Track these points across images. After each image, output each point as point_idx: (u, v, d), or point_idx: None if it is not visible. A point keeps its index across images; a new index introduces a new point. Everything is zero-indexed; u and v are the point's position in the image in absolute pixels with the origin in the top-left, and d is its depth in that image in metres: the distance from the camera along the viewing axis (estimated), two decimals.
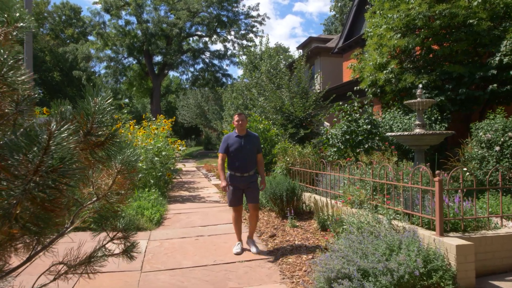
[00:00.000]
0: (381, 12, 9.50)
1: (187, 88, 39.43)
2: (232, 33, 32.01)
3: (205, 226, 6.25)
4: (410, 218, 4.13)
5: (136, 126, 10.51)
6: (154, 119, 11.36)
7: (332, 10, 38.76)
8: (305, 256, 4.48)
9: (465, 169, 6.47)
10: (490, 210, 4.42)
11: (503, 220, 4.22)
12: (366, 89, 10.39)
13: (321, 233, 5.40)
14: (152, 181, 8.77)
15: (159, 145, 9.41)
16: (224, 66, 65.22)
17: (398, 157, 7.18)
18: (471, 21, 7.86)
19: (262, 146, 9.63)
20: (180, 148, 10.84)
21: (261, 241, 5.23)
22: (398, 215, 4.23)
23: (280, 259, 4.45)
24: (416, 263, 3.14)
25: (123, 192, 1.60)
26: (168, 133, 10.61)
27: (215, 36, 31.85)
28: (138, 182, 8.73)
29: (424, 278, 3.24)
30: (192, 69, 33.73)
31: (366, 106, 9.00)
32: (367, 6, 11.73)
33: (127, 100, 48.56)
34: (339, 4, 36.17)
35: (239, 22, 31.16)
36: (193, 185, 11.75)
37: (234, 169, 4.71)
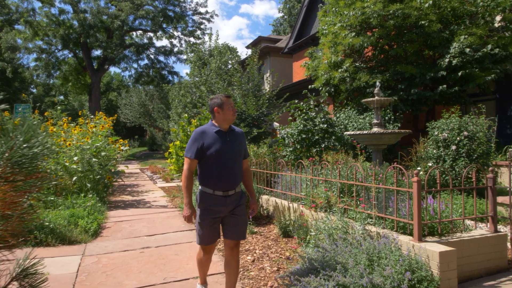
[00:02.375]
0: (336, 9, 9.37)
1: (130, 86, 37.28)
2: (179, 29, 30.81)
3: (151, 236, 5.50)
4: (384, 221, 3.81)
5: (71, 124, 9.32)
6: (92, 116, 10.20)
7: (280, 12, 39.07)
8: (269, 268, 3.97)
9: (419, 168, 6.44)
10: (459, 211, 4.27)
11: (472, 221, 4.07)
12: (320, 88, 10.23)
13: (284, 239, 4.94)
14: (89, 185, 7.73)
15: (98, 144, 8.37)
16: (171, 63, 63.04)
17: (353, 157, 7.00)
18: (422, 22, 7.96)
19: None
20: (122, 148, 9.82)
21: (217, 251, 4.63)
22: (371, 219, 3.89)
23: (241, 272, 3.90)
24: (403, 276, 2.78)
25: (14, 215, 0.91)
26: (108, 132, 9.56)
27: (160, 32, 30.38)
28: (73, 186, 7.66)
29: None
30: (135, 65, 32.03)
31: (322, 105, 8.78)
32: (320, 4, 11.64)
33: (62, 97, 44.74)
34: (288, 5, 36.53)
35: (187, 18, 30.05)
36: (137, 189, 10.75)
37: (214, 184, 2.87)
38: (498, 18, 8.47)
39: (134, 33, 31.31)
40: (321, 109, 8.57)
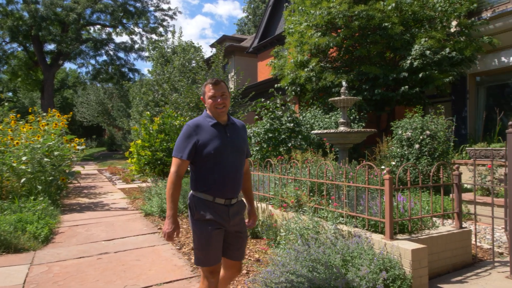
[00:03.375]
0: (302, 9, 9.38)
1: (87, 83, 35.50)
2: (140, 25, 29.77)
3: (110, 241, 5.12)
4: (355, 220, 3.75)
5: (20, 122, 8.59)
6: (45, 114, 9.48)
7: (245, 11, 39.00)
8: None
9: (383, 167, 6.54)
10: (427, 208, 4.32)
11: (439, 219, 4.13)
12: (286, 87, 10.19)
13: (252, 241, 4.76)
14: (40, 187, 7.12)
15: (51, 143, 7.75)
16: (131, 60, 60.95)
17: (322, 155, 6.98)
18: (385, 24, 8.14)
19: None
20: (78, 147, 9.20)
21: (183, 255, 4.37)
22: (342, 218, 3.82)
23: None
24: (378, 276, 2.70)
25: None
26: (63, 131, 8.92)
27: (120, 27, 29.17)
28: (21, 188, 7.03)
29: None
30: (93, 62, 30.46)
31: (289, 104, 8.73)
32: (286, 4, 11.64)
33: (10, 94, 41.74)
34: (252, 5, 36.52)
35: (148, 14, 29.10)
36: (94, 190, 10.13)
37: (215, 190, 2.31)
38: (454, 23, 8.86)
39: (92, 27, 29.86)
40: (287, 108, 8.52)
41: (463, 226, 3.89)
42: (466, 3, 8.26)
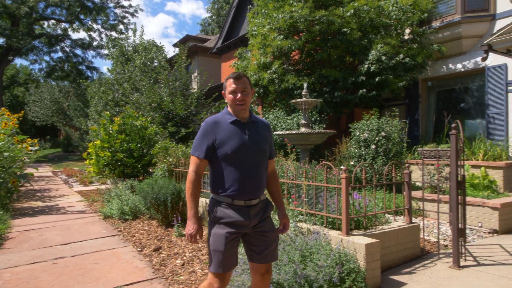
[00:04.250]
0: (265, 11, 9.52)
1: (40, 81, 33.67)
2: (99, 22, 28.70)
3: (66, 245, 4.93)
4: (314, 218, 3.90)
5: None
6: None
7: (208, 12, 38.74)
8: (200, 271, 3.80)
9: (342, 167, 6.81)
10: (381, 205, 4.56)
11: (391, 215, 4.38)
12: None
13: None
14: None
15: (0, 144, 7.31)
16: (90, 58, 58.54)
17: (283, 156, 7.14)
18: (345, 29, 8.47)
19: (139, 146, 8.49)
20: (30, 148, 8.73)
21: (144, 257, 4.31)
22: (302, 216, 3.95)
23: (170, 277, 3.67)
24: (334, 269, 2.84)
25: None
26: (13, 130, 8.44)
27: (77, 23, 27.99)
28: None
29: (339, 283, 2.97)
30: (47, 58, 29.12)
31: (252, 105, 8.82)
32: (249, 6, 11.75)
33: None
34: (216, 6, 36.38)
35: (108, 11, 28.12)
36: (48, 194, 9.66)
37: (233, 191, 2.19)
38: (407, 31, 9.39)
39: (46, 22, 28.38)
40: (250, 109, 8.61)
41: (413, 221, 4.16)
42: (418, 12, 8.78)
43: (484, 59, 7.12)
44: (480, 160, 7.22)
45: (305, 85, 7.21)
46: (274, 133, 7.60)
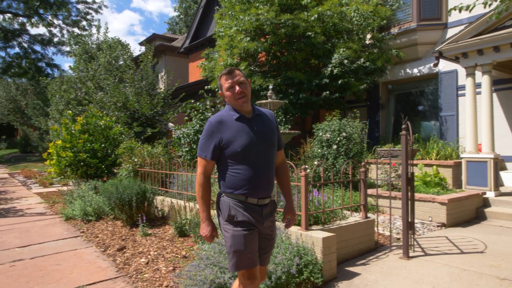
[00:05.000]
0: (232, 13, 9.63)
1: None
2: (60, 17, 27.58)
3: (25, 247, 4.80)
4: (275, 215, 4.06)
5: None
6: None
7: (176, 11, 38.26)
8: (164, 268, 3.85)
9: (305, 166, 7.06)
10: (339, 201, 4.80)
11: (349, 211, 4.64)
12: (216, 89, 10.36)
13: (180, 239, 4.85)
14: None
15: None
16: (50, 55, 55.95)
17: None
18: (309, 33, 8.74)
19: (103, 146, 8.34)
20: None
21: (108, 257, 4.30)
22: None
23: (134, 276, 3.70)
24: (292, 262, 3.01)
25: None
26: None
27: (36, 18, 26.72)
28: None
29: (297, 275, 3.14)
30: (3, 54, 27.51)
31: (218, 106, 8.91)
32: (217, 7, 11.80)
33: None
34: (184, 5, 36.00)
35: (70, 6, 27.08)
36: (5, 196, 9.25)
37: (247, 189, 2.13)
38: (368, 36, 9.84)
39: (1, 16, 26.90)
40: (217, 109, 8.68)
41: (368, 216, 4.42)
42: (377, 19, 9.23)
43: (435, 65, 7.62)
44: (433, 160, 7.72)
45: (270, 87, 7.39)
46: None
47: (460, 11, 3.03)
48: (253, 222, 2.12)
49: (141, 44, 24.08)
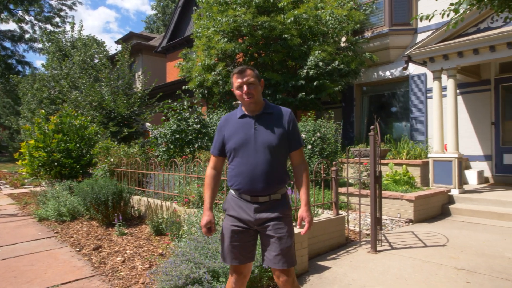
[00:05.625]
0: (210, 14, 9.70)
1: None
2: (32, 13, 26.80)
3: None
4: None
5: None
6: None
7: (154, 9, 37.82)
8: (141, 266, 3.91)
9: None
10: (312, 199, 4.98)
11: (321, 208, 4.82)
12: (194, 90, 10.40)
13: (157, 238, 4.89)
14: None
15: None
16: (21, 52, 54.00)
17: None
18: (286, 35, 8.92)
19: (78, 145, 8.23)
20: None
21: (83, 256, 4.30)
22: None
23: (110, 274, 3.74)
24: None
25: None
26: None
27: (6, 13, 25.88)
28: None
29: (269, 269, 3.27)
30: None
31: (196, 106, 8.95)
32: (194, 7, 11.83)
33: None
34: (161, 4, 35.63)
35: (42, 1, 26.37)
36: None
37: (240, 185, 2.19)
38: (343, 39, 10.13)
39: None
40: (194, 110, 8.72)
41: (339, 213, 4.62)
42: (351, 23, 9.53)
43: (404, 68, 7.96)
44: (403, 159, 8.05)
45: None
46: None
47: (421, 20, 3.24)
48: (243, 219, 2.17)
49: (117, 42, 23.68)
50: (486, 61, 7.16)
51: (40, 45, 26.26)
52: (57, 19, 27.26)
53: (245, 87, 2.17)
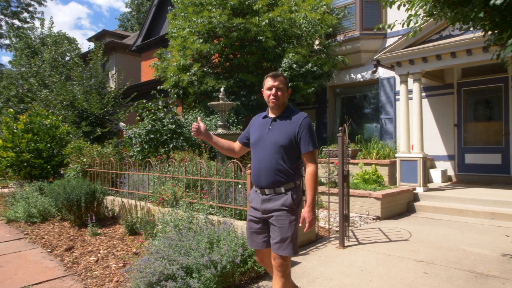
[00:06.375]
0: (185, 14, 9.72)
1: None
2: None
3: None
4: (224, 211, 4.30)
5: None
6: None
7: (128, 7, 37.12)
8: (115, 265, 3.94)
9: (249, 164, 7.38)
10: None
11: None
12: (169, 90, 10.38)
13: (131, 237, 4.92)
14: None
15: None
16: None
17: (198, 155, 7.45)
18: (260, 37, 9.09)
19: (49, 145, 8.06)
20: None
21: (55, 257, 4.28)
22: (213, 209, 4.32)
23: (83, 274, 3.75)
24: (237, 252, 3.26)
25: None
26: None
27: None
28: None
29: (242, 265, 3.40)
30: None
31: (171, 106, 8.96)
32: (170, 7, 11.80)
33: None
34: (136, 1, 35.03)
35: None
36: None
37: (253, 178, 2.52)
38: (317, 42, 10.40)
39: None
40: (169, 110, 8.73)
41: None
42: (324, 26, 9.80)
43: (374, 72, 8.29)
44: (373, 159, 8.38)
45: (222, 89, 7.61)
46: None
47: (383, 28, 3.46)
48: (256, 208, 2.48)
49: (90, 40, 23.13)
50: (448, 66, 7.58)
51: (7, 41, 25.26)
52: (26, 14, 26.35)
53: (273, 90, 2.46)
